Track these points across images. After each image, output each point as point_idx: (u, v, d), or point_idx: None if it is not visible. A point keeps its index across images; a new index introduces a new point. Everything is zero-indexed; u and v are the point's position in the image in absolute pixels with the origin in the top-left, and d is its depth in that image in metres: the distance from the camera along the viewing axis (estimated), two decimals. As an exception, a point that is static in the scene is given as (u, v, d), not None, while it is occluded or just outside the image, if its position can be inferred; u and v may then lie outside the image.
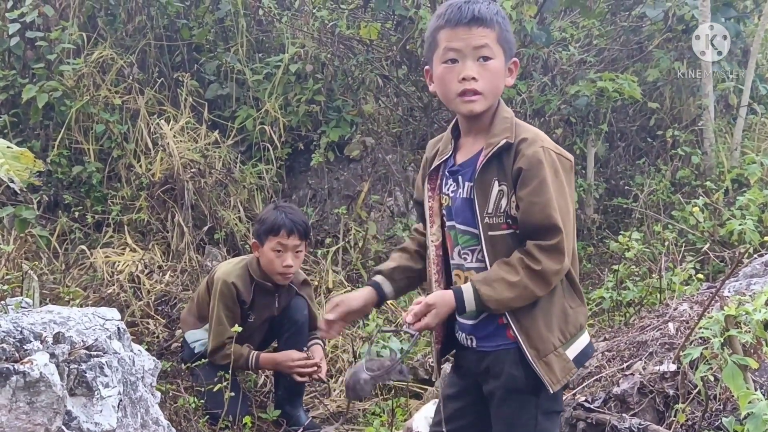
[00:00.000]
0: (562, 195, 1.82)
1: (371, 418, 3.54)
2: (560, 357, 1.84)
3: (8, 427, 1.54)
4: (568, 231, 1.80)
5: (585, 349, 1.90)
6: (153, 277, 4.43)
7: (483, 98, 1.86)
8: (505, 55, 1.88)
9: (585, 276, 4.99)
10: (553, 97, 5.35)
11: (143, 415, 1.91)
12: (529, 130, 1.89)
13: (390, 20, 5.49)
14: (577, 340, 1.88)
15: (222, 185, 4.98)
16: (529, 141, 1.83)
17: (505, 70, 1.89)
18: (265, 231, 3.31)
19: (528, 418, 1.88)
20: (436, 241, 1.97)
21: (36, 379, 1.57)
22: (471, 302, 1.81)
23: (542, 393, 1.85)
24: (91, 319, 1.92)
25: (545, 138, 1.88)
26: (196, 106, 5.28)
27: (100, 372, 1.78)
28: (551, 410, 1.91)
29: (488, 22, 1.85)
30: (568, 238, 1.80)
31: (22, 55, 5.13)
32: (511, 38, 1.91)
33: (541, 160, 1.80)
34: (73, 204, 4.86)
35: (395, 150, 5.50)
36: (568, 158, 1.88)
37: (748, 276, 3.19)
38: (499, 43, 1.86)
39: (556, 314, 1.85)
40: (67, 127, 4.96)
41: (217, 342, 3.25)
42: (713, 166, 5.39)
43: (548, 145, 1.85)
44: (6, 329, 1.64)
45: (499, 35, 1.86)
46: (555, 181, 1.81)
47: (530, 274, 1.77)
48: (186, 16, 5.66)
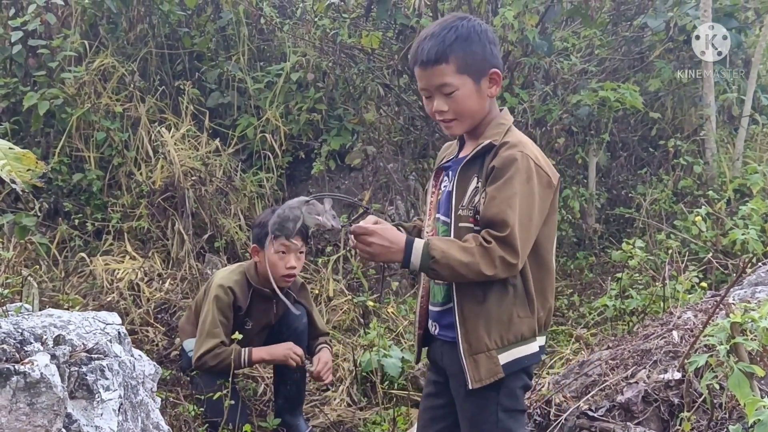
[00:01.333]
0: (528, 201, 1.85)
1: (372, 427, 3.51)
2: (490, 359, 1.90)
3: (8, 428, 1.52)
4: (523, 235, 1.84)
5: (521, 359, 1.94)
6: (153, 285, 4.41)
7: (458, 122, 1.98)
8: (473, 78, 1.94)
9: (587, 286, 4.97)
10: (554, 107, 5.35)
11: (144, 419, 1.89)
12: (518, 138, 1.94)
13: (391, 29, 5.49)
14: (515, 348, 1.92)
15: (222, 193, 4.97)
16: (510, 144, 1.90)
17: (477, 89, 1.95)
18: (265, 234, 3.18)
19: (489, 415, 1.94)
20: (430, 232, 2.07)
21: (36, 379, 1.54)
22: (418, 252, 1.85)
23: (502, 390, 1.93)
24: (92, 323, 1.90)
25: (531, 148, 1.92)
26: (197, 114, 5.27)
27: (101, 375, 1.75)
28: (513, 408, 1.97)
29: (442, 59, 1.91)
30: (523, 241, 1.83)
31: (23, 63, 5.13)
32: (479, 57, 1.94)
33: (514, 162, 1.86)
34: (73, 211, 4.84)
35: (396, 159, 5.50)
36: (547, 174, 1.91)
37: (752, 284, 3.17)
38: (461, 72, 1.92)
39: (500, 319, 1.91)
40: (67, 135, 4.95)
41: (205, 348, 3.14)
42: (715, 176, 5.38)
43: (530, 152, 1.89)
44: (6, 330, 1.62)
45: (459, 65, 1.92)
46: (525, 186, 1.85)
47: (481, 249, 1.82)
48: (188, 24, 5.66)
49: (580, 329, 4.00)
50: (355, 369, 3.88)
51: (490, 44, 1.97)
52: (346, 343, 4.17)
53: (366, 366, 3.81)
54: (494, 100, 2.02)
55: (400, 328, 4.30)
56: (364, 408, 3.76)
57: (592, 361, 3.01)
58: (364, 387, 3.87)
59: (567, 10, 5.50)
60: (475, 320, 1.91)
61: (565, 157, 5.66)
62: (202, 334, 3.20)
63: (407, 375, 3.82)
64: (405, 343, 4.18)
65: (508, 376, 1.93)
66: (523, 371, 1.97)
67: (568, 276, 5.10)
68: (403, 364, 3.82)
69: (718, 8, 5.51)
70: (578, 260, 5.25)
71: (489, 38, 1.97)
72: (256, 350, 3.26)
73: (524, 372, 1.98)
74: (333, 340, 4.22)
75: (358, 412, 3.71)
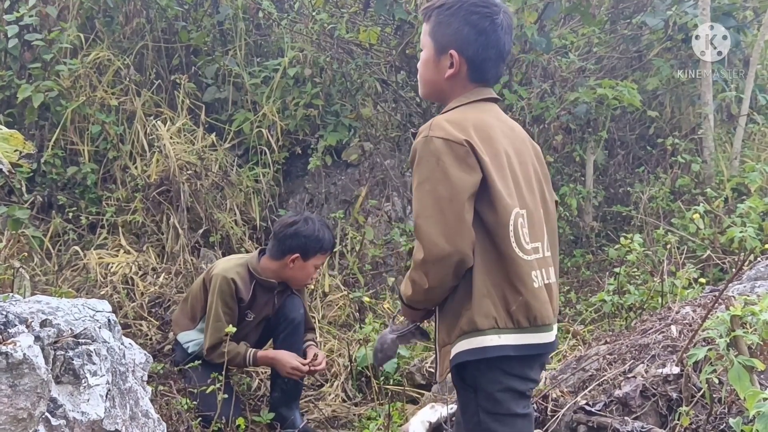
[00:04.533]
0: (440, 186, 1.78)
1: (367, 422, 3.48)
2: (448, 353, 1.88)
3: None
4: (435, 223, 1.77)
5: (462, 353, 1.85)
6: (147, 279, 4.37)
7: (419, 84, 2.03)
8: (435, 47, 1.94)
9: (583, 283, 4.95)
10: (552, 104, 5.32)
11: (132, 407, 1.84)
12: (432, 120, 1.88)
13: (390, 25, 5.46)
14: (461, 341, 1.85)
15: (218, 188, 4.93)
16: (419, 132, 1.87)
17: (435, 61, 1.95)
18: (318, 249, 3.32)
19: (471, 415, 1.90)
20: None
21: (19, 360, 1.49)
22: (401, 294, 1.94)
23: (479, 393, 1.87)
24: (81, 310, 1.85)
25: (438, 125, 1.83)
26: (194, 108, 5.24)
27: (88, 360, 1.70)
28: (496, 412, 1.87)
29: (426, 16, 1.98)
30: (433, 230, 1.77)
31: (19, 56, 5.09)
32: (448, 31, 1.91)
33: (415, 152, 1.84)
34: (67, 205, 4.80)
35: (393, 155, 5.46)
36: (458, 142, 1.79)
37: (752, 279, 3.14)
38: (430, 36, 1.96)
39: (451, 313, 1.87)
40: (62, 128, 4.91)
41: (215, 339, 3.21)
42: (713, 175, 5.35)
43: (435, 131, 1.82)
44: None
45: (431, 28, 1.95)
46: (434, 170, 1.79)
47: (407, 274, 1.87)
48: (185, 19, 5.63)
49: (576, 326, 3.97)
50: (350, 364, 3.84)
51: (471, 28, 1.89)
52: (341, 338, 4.14)
53: (362, 361, 3.78)
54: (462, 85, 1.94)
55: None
56: (359, 403, 3.73)
57: (589, 356, 2.99)
58: (359, 382, 3.84)
59: (566, 8, 5.48)
60: (440, 315, 1.91)
61: (563, 154, 5.63)
62: (209, 325, 3.25)
63: (403, 371, 3.79)
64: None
65: (482, 380, 1.85)
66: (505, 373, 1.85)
67: (564, 273, 5.07)
68: (399, 360, 3.79)
69: (716, 7, 5.49)
70: (575, 258, 5.22)
71: (474, 23, 1.89)
72: (261, 355, 3.30)
73: (507, 375, 1.85)
74: (328, 335, 4.20)
75: (353, 408, 3.68)
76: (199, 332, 3.39)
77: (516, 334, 1.84)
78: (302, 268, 3.32)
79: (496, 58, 1.94)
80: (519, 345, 1.85)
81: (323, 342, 4.10)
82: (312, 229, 3.29)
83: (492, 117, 1.94)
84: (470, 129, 1.83)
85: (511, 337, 1.84)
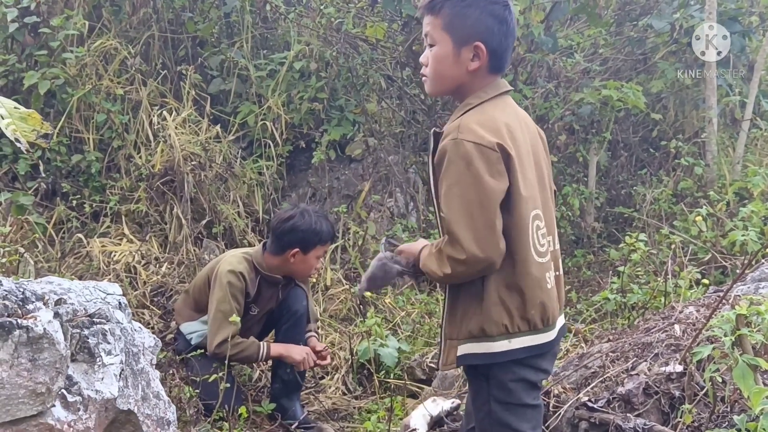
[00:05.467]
0: (471, 190, 1.76)
1: (367, 415, 3.49)
2: (454, 348, 1.87)
3: (9, 383, 1.48)
4: (469, 227, 1.76)
5: (468, 356, 1.86)
6: (149, 268, 4.37)
7: (429, 81, 1.95)
8: (453, 41, 1.88)
9: (584, 283, 4.96)
10: (556, 105, 5.33)
11: (144, 387, 1.85)
12: (460, 121, 1.83)
13: (397, 21, 5.47)
14: (469, 343, 1.86)
15: (222, 179, 4.94)
16: (446, 133, 1.84)
17: (455, 54, 1.87)
18: (318, 241, 3.31)
19: (482, 403, 1.90)
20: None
21: (39, 335, 1.50)
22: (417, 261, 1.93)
23: (491, 381, 1.87)
24: (92, 291, 1.86)
25: (470, 125, 1.80)
26: (199, 99, 5.24)
27: (103, 339, 1.71)
28: (507, 401, 1.87)
29: (434, 10, 1.90)
30: (470, 234, 1.75)
31: (21, 41, 5.08)
32: (468, 22, 1.86)
33: (445, 153, 1.80)
34: (71, 192, 4.80)
35: (397, 151, 5.47)
36: (493, 148, 1.77)
37: (756, 280, 3.15)
38: (445, 30, 1.88)
39: (461, 310, 1.87)
40: (67, 116, 4.91)
41: (225, 335, 3.15)
42: (715, 179, 5.37)
43: (465, 135, 1.78)
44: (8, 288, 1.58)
45: (446, 21, 1.88)
46: (464, 174, 1.76)
47: (437, 252, 1.84)
48: (191, 10, 5.63)
49: (578, 324, 3.98)
50: (351, 357, 3.85)
51: (493, 18, 1.86)
52: (342, 331, 4.15)
53: (363, 354, 3.78)
54: (482, 77, 1.90)
55: (397, 319, 4.28)
56: (359, 397, 3.74)
57: (591, 353, 3.00)
58: (360, 376, 3.85)
59: (573, 8, 5.49)
60: (448, 308, 1.91)
61: (566, 155, 5.65)
62: (217, 320, 3.20)
63: (403, 365, 3.80)
64: (401, 334, 4.16)
65: (495, 368, 1.85)
66: (517, 363, 1.85)
67: (565, 273, 5.05)
68: (400, 354, 3.80)
69: (722, 11, 5.50)
70: (576, 258, 5.24)
71: (494, 12, 1.86)
72: (274, 346, 3.31)
73: (521, 365, 1.85)
74: (329, 329, 4.21)
75: (353, 401, 3.69)
76: (202, 324, 3.38)
77: (529, 336, 1.86)
78: (304, 261, 3.33)
79: (512, 46, 1.95)
80: (530, 346, 1.86)
81: (324, 335, 4.11)
82: (309, 222, 3.28)
83: (512, 115, 1.92)
84: (503, 131, 1.81)
85: (524, 340, 1.85)
